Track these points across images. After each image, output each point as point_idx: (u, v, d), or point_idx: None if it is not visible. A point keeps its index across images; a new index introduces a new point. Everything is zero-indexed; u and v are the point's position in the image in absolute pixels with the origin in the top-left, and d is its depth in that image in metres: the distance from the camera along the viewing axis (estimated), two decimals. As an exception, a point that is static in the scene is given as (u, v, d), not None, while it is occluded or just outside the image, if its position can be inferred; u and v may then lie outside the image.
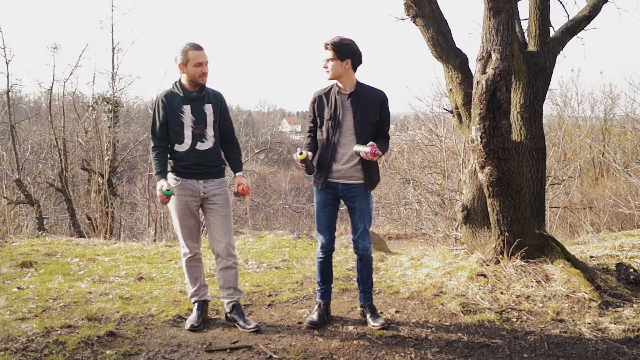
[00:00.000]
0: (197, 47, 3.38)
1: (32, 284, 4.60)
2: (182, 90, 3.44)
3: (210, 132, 3.48)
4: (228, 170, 3.81)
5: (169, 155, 3.50)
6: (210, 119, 3.48)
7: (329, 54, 3.34)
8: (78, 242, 6.97)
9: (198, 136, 3.45)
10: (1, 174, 11.51)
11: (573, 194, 12.64)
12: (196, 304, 3.64)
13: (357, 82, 3.45)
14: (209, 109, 3.48)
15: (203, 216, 3.64)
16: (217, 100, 3.53)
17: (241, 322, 3.49)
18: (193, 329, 3.49)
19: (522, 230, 4.14)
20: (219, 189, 3.53)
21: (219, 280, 3.61)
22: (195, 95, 3.44)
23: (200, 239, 3.70)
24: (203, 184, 3.49)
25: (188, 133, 3.43)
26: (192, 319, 3.57)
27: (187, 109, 3.42)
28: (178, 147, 3.46)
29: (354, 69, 3.41)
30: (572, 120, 16.84)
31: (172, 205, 3.50)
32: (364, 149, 3.27)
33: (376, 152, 3.23)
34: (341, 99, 3.43)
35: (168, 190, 3.31)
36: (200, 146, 3.46)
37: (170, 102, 3.42)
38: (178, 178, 3.48)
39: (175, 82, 3.48)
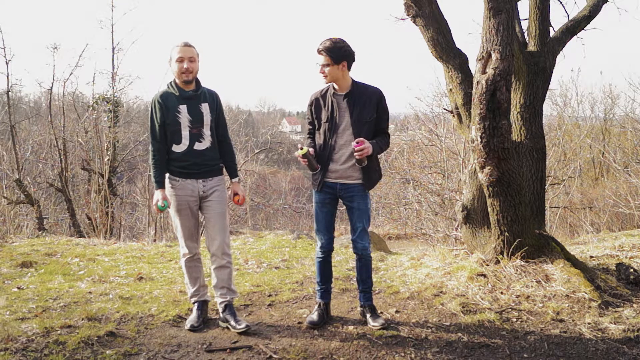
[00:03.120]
0: (182, 44, 3.38)
1: (32, 284, 4.60)
2: (177, 89, 3.43)
3: (207, 131, 3.48)
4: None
5: (167, 156, 3.50)
6: (207, 118, 3.47)
7: (325, 59, 3.32)
8: (78, 242, 6.97)
9: (195, 136, 3.44)
10: (1, 174, 11.50)
11: (573, 194, 12.63)
12: (196, 304, 3.64)
13: (353, 81, 3.44)
14: (205, 108, 3.47)
15: (202, 216, 3.64)
16: (213, 99, 3.53)
17: (232, 322, 3.48)
18: (193, 329, 3.50)
19: (522, 230, 4.14)
20: (216, 187, 3.54)
21: (213, 279, 3.60)
22: (190, 94, 3.43)
23: (200, 239, 3.70)
24: (202, 183, 3.49)
25: (185, 133, 3.42)
26: (192, 319, 3.58)
27: (183, 108, 3.41)
28: (176, 148, 3.45)
29: (349, 69, 3.42)
30: (572, 120, 16.81)
31: (171, 205, 3.51)
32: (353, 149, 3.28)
33: (359, 140, 3.24)
34: (337, 100, 3.43)
35: (163, 206, 3.41)
36: (198, 146, 3.45)
37: (166, 102, 3.41)
38: (177, 179, 3.48)
39: (170, 82, 3.48)
